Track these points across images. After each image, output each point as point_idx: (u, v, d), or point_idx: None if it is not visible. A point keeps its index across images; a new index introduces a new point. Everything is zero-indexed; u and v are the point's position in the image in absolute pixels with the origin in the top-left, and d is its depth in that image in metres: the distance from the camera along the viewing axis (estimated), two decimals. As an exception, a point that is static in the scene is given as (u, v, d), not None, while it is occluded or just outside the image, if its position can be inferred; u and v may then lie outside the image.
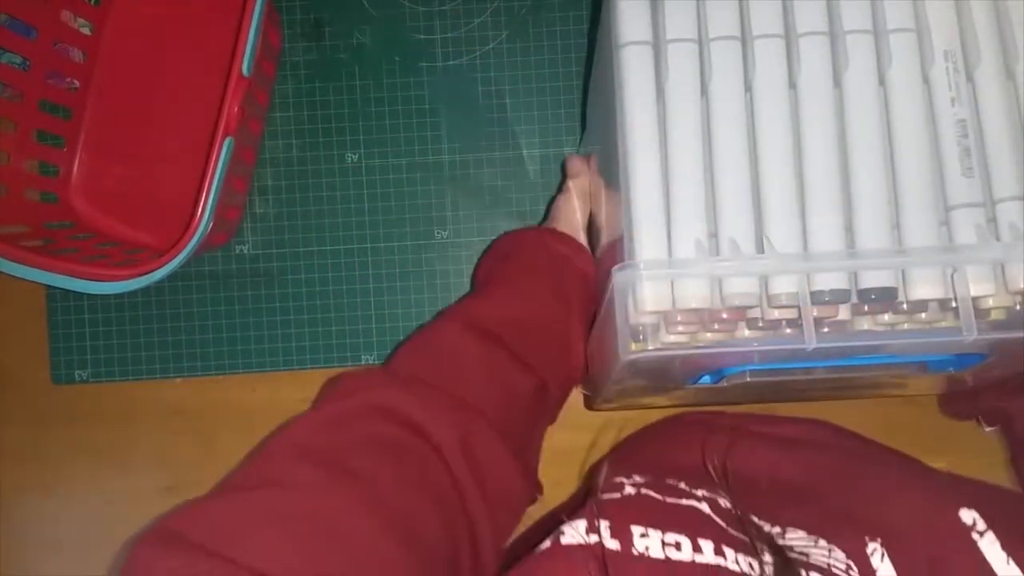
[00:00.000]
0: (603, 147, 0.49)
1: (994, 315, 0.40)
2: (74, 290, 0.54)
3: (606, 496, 0.36)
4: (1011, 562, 0.32)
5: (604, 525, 0.33)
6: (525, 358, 0.47)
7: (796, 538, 0.36)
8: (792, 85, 0.41)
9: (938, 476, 0.41)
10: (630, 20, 0.42)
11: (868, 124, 0.41)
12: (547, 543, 0.33)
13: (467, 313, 0.49)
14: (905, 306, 0.40)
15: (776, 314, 0.40)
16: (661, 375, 0.45)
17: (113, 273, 0.54)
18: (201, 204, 0.53)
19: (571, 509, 0.35)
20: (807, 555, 0.34)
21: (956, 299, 0.38)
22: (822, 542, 0.35)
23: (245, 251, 0.65)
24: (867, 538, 0.35)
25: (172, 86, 0.66)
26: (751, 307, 0.40)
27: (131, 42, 0.66)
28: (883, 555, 0.34)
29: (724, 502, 0.37)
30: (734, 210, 0.40)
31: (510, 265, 0.53)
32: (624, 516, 0.33)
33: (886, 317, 0.41)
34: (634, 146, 0.41)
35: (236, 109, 0.53)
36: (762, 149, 0.41)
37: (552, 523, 0.35)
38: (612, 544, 0.32)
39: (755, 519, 0.38)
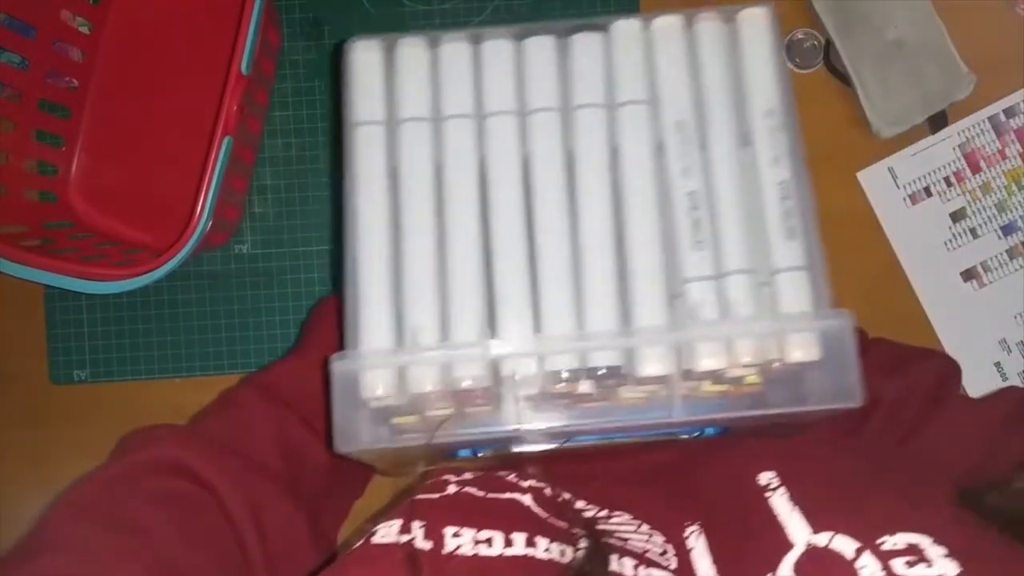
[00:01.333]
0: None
1: (750, 380, 0.39)
2: (73, 290, 0.54)
3: (423, 496, 0.36)
4: (795, 509, 0.33)
5: (418, 525, 0.33)
6: (320, 430, 0.47)
7: (620, 521, 0.37)
8: (525, 161, 0.41)
9: (749, 444, 0.41)
10: (363, 99, 0.41)
11: (598, 198, 0.40)
12: (360, 542, 0.34)
13: (264, 378, 0.49)
14: (635, 381, 0.39)
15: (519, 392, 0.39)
16: (409, 454, 0.43)
17: (112, 273, 0.53)
18: (200, 203, 0.53)
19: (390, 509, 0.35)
20: (626, 539, 0.35)
21: (673, 378, 0.38)
22: (644, 527, 0.37)
23: (244, 250, 0.65)
24: (687, 523, 0.36)
25: (171, 85, 0.65)
26: (483, 387, 0.39)
27: (130, 41, 0.66)
28: (699, 534, 0.35)
29: (549, 490, 0.38)
30: (461, 293, 0.39)
31: (313, 334, 0.53)
32: (439, 516, 0.34)
33: (633, 388, 0.40)
34: (361, 230, 0.40)
35: (235, 108, 0.53)
36: (494, 229, 0.40)
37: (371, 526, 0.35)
38: (424, 544, 0.32)
39: (583, 504, 0.38)
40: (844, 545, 0.31)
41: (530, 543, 0.33)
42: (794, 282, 0.39)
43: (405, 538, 0.33)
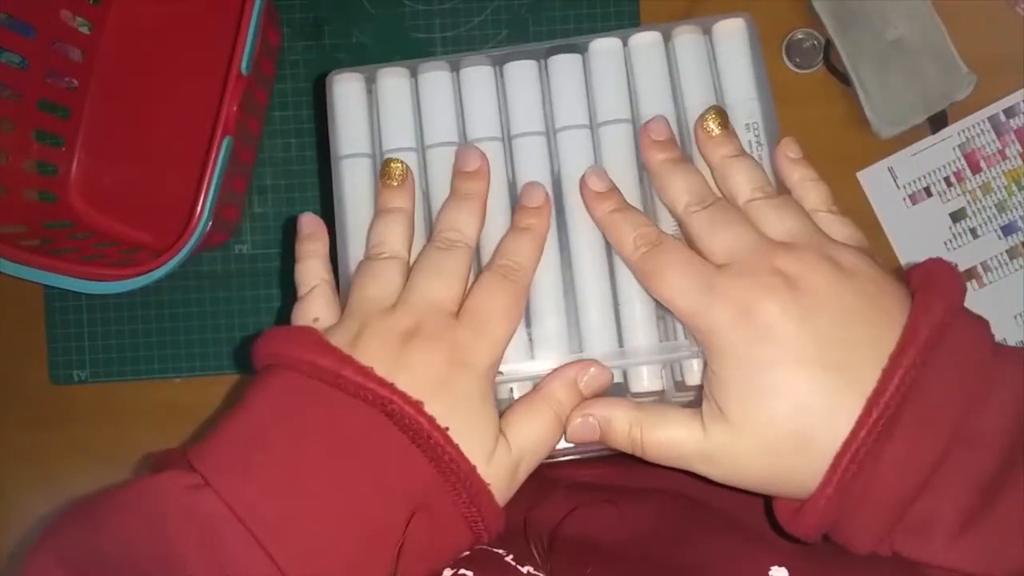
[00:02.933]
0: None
1: None
2: (73, 290, 0.54)
3: None
4: None
5: None
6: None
7: None
8: (511, 185, 0.41)
9: (760, 530, 0.40)
10: (348, 131, 0.42)
11: (587, 219, 0.40)
12: None
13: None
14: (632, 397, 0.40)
15: None
16: None
17: (112, 273, 0.54)
18: (200, 203, 0.53)
19: None
20: None
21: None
22: None
23: (244, 251, 0.65)
24: None
25: (171, 85, 0.65)
26: None
27: (130, 41, 0.66)
28: None
29: None
30: None
31: (279, 432, 0.33)
32: None
33: None
34: (352, 260, 0.40)
35: (235, 108, 0.53)
36: (486, 253, 0.40)
37: None
38: None
39: None
40: None
41: None
42: None
43: None
